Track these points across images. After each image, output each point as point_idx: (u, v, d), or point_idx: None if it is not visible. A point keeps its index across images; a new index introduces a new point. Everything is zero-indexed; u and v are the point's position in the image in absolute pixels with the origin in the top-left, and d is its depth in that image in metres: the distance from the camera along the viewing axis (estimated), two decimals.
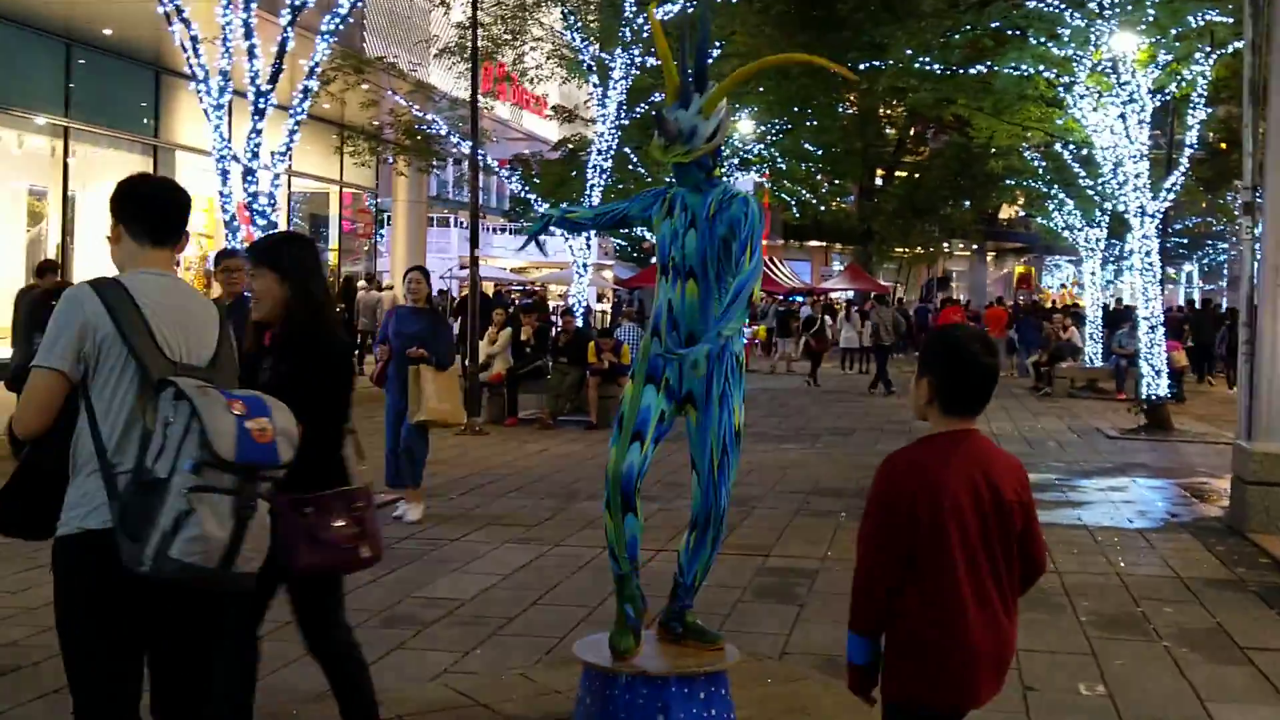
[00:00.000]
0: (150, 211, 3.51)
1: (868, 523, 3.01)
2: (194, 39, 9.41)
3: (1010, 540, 3.02)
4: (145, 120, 21.45)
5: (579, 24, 19.60)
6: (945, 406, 3.03)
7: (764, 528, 9.30)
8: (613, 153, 19.91)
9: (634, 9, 18.48)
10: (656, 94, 4.91)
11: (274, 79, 9.57)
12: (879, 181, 45.62)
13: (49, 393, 3.23)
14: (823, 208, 38.44)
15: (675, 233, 4.63)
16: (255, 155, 9.61)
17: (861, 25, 28.00)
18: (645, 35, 17.59)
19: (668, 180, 4.81)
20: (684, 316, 4.62)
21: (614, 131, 19.49)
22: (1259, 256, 10.12)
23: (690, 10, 17.40)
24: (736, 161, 25.94)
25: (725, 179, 4.97)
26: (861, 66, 26.29)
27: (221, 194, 9.65)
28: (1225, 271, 60.06)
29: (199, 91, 9.49)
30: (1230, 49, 15.66)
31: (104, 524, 3.21)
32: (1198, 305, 34.49)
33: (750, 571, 7.78)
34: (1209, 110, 18.83)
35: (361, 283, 26.68)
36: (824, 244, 54.99)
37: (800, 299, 40.17)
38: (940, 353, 3.07)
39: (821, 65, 4.96)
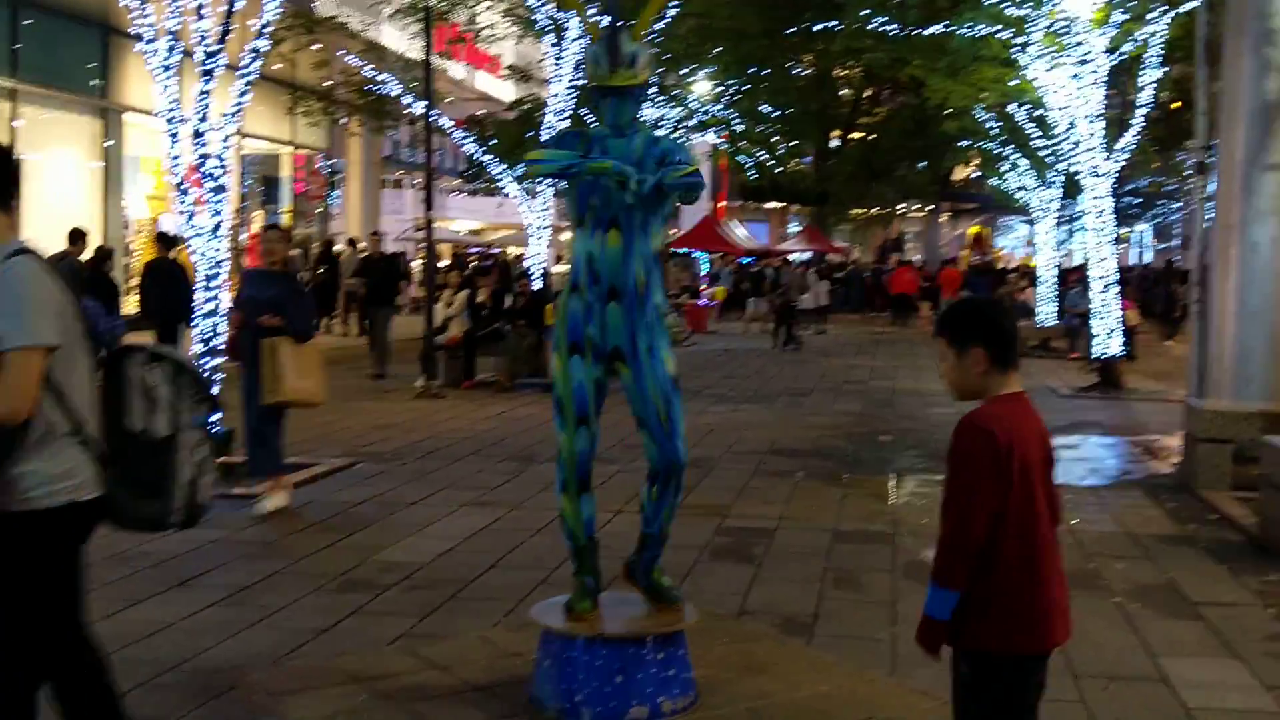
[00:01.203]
0: (4, 173, 3.34)
1: (960, 480, 3.09)
2: None
3: (1052, 490, 3.23)
4: (93, 82, 21.06)
5: None
6: (1003, 366, 3.19)
7: (721, 488, 9.34)
8: (569, 113, 19.77)
9: None
10: None
11: (223, 39, 9.40)
12: (835, 143, 45.61)
13: (43, 371, 3.15)
14: (779, 169, 38.40)
15: (596, 179, 4.47)
16: (205, 117, 9.44)
17: None
18: None
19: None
20: (605, 267, 4.51)
21: (570, 92, 19.33)
22: (1211, 215, 10.22)
23: None
24: (694, 123, 25.81)
25: (644, 125, 4.89)
26: (817, 27, 26.27)
27: (171, 157, 9.48)
28: (1177, 231, 60.66)
29: (147, 52, 9.31)
30: (1185, 9, 15.73)
31: (93, 494, 3.28)
32: (1149, 264, 34.84)
33: (708, 531, 7.81)
34: (1163, 70, 18.92)
35: (340, 246, 26.92)
36: (781, 205, 55.03)
37: (752, 260, 40.25)
38: (980, 321, 3.25)
39: None
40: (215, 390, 9.38)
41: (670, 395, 4.59)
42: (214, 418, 9.40)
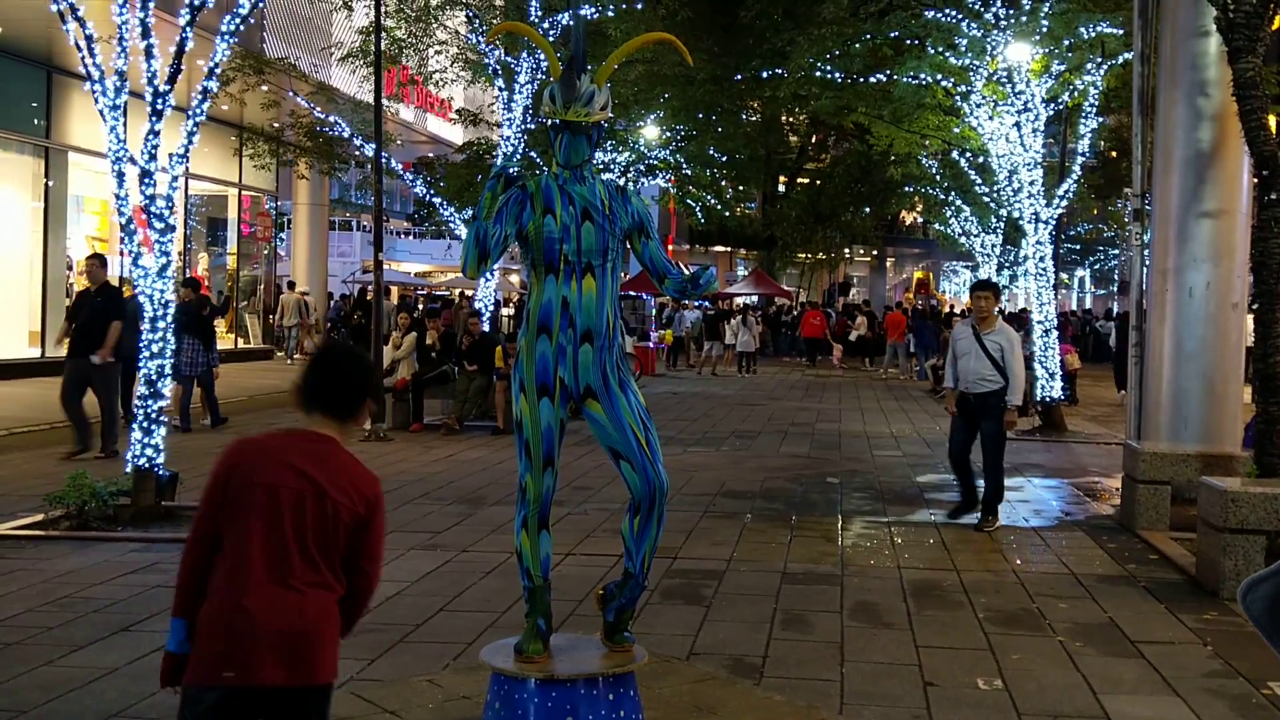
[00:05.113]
0: None
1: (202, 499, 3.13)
2: (89, 38, 9.18)
3: (333, 534, 3.19)
4: (36, 121, 20.91)
5: (484, 28, 19.54)
6: (305, 408, 3.28)
7: (671, 529, 9.32)
8: (519, 157, 19.87)
9: (539, 14, 18.48)
10: None
11: (172, 79, 9.38)
12: (782, 188, 46.16)
13: None
14: (727, 213, 38.78)
15: (566, 227, 4.57)
16: (153, 157, 9.39)
17: (764, 33, 28.33)
18: (550, 38, 17.58)
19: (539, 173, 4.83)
20: (581, 313, 4.61)
21: (519, 135, 19.46)
22: (1148, 262, 10.45)
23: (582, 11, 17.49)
24: (643, 167, 26.03)
25: (600, 170, 5.09)
26: (764, 74, 26.64)
27: (117, 196, 9.42)
28: (1116, 276, 61.76)
29: (94, 92, 9.27)
30: (1120, 60, 16.14)
31: None
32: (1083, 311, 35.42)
33: (658, 573, 7.82)
34: (1100, 119, 19.38)
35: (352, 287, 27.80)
36: (729, 249, 55.50)
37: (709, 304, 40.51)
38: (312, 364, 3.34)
39: (678, 47, 5.12)
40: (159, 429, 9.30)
41: (648, 422, 4.75)
42: (158, 461, 9.31)
